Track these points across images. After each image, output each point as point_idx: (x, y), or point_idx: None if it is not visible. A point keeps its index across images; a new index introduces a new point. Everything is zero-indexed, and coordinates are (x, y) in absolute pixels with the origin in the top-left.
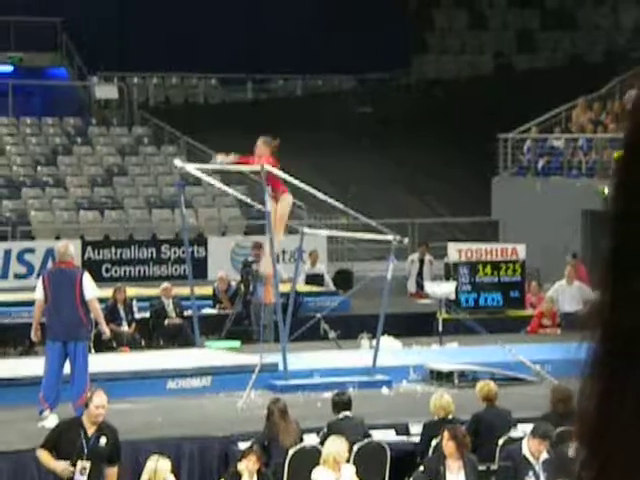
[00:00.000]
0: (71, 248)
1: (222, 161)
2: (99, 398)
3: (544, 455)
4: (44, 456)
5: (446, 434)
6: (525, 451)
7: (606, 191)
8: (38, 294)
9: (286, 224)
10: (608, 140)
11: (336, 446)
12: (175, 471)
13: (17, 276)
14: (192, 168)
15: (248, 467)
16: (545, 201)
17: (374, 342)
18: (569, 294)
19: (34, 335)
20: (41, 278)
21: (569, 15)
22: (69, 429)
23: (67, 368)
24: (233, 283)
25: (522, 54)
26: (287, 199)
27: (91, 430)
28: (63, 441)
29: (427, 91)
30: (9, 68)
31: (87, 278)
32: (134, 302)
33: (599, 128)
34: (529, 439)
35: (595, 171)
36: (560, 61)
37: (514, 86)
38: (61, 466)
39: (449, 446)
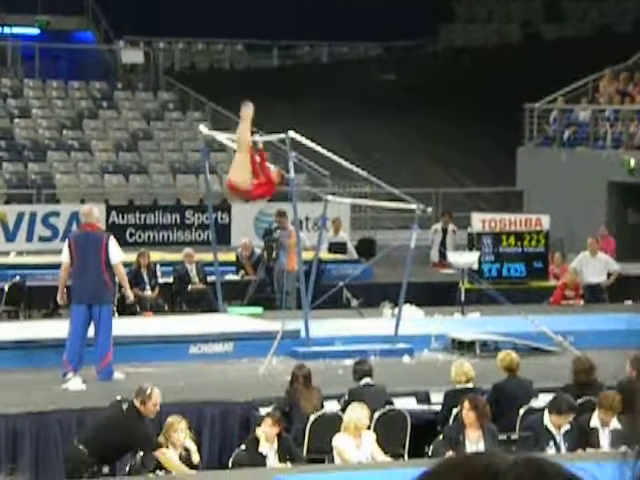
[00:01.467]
0: (95, 211)
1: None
2: (158, 396)
3: (566, 427)
4: (169, 455)
5: (466, 404)
6: (547, 422)
7: (632, 162)
8: (64, 257)
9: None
10: (635, 111)
11: (357, 413)
12: (196, 435)
13: (42, 239)
14: (217, 134)
15: (265, 431)
16: (570, 172)
17: (396, 311)
18: (593, 265)
19: (60, 298)
20: (67, 241)
21: None
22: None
23: (91, 331)
24: (256, 250)
25: (550, 23)
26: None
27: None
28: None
29: (453, 60)
30: (36, 31)
31: (113, 242)
32: (158, 267)
33: (626, 99)
34: (551, 414)
35: (621, 142)
36: (588, 31)
37: (541, 56)
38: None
39: (469, 416)
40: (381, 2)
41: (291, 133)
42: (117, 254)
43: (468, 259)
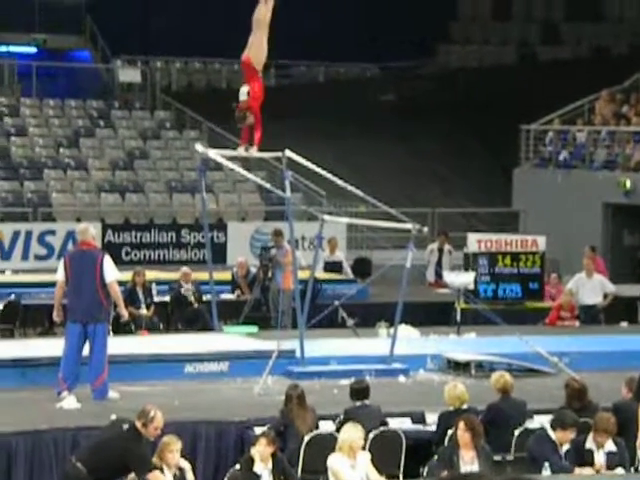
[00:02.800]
0: (91, 229)
1: (248, 152)
2: (160, 420)
3: (566, 446)
4: (162, 478)
5: (461, 425)
6: (553, 437)
7: (628, 184)
8: (59, 275)
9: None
10: (631, 133)
11: (352, 433)
12: (190, 455)
13: (37, 257)
14: (213, 153)
15: (259, 451)
16: (566, 193)
17: (392, 330)
18: (589, 287)
19: (56, 315)
20: (63, 259)
21: (594, 6)
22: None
23: (86, 350)
24: (252, 269)
25: (546, 45)
26: (249, 54)
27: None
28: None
29: (450, 80)
30: (33, 50)
31: (108, 260)
32: (153, 285)
33: (622, 121)
34: (555, 430)
35: (617, 164)
36: (584, 53)
37: (537, 77)
38: None
39: (464, 437)
40: (378, 23)
41: (287, 152)
42: (112, 272)
43: (464, 279)
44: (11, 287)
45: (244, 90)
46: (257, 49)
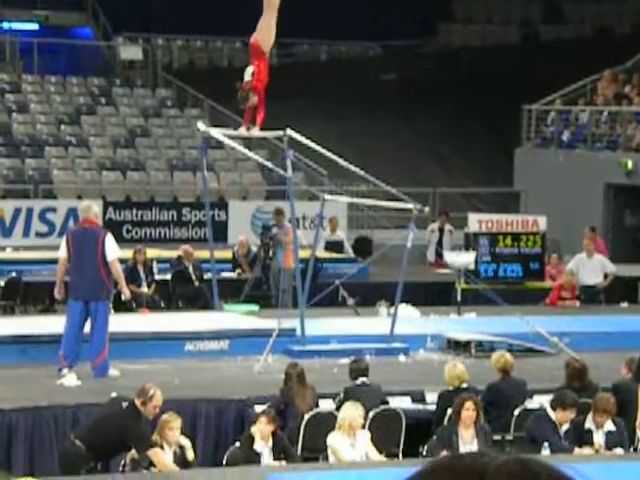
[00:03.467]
0: (94, 207)
1: (249, 132)
2: (159, 398)
3: (566, 425)
4: (161, 455)
5: (470, 404)
6: (553, 418)
7: (629, 164)
8: (62, 252)
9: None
10: (633, 113)
11: (352, 412)
12: (190, 433)
13: (38, 234)
14: (215, 132)
15: (260, 429)
16: (568, 173)
17: (392, 310)
18: (589, 267)
19: (57, 293)
20: (65, 237)
21: None
22: (144, 422)
23: (87, 327)
24: (253, 247)
25: (549, 24)
26: (257, 38)
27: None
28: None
29: (452, 60)
30: (35, 26)
31: (110, 239)
32: (154, 263)
33: (624, 101)
34: (555, 410)
35: (619, 144)
36: (587, 32)
37: (540, 57)
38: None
39: (470, 416)
40: (380, 1)
41: (289, 131)
42: (113, 251)
43: (464, 259)
44: (12, 264)
45: (249, 70)
46: (266, 32)
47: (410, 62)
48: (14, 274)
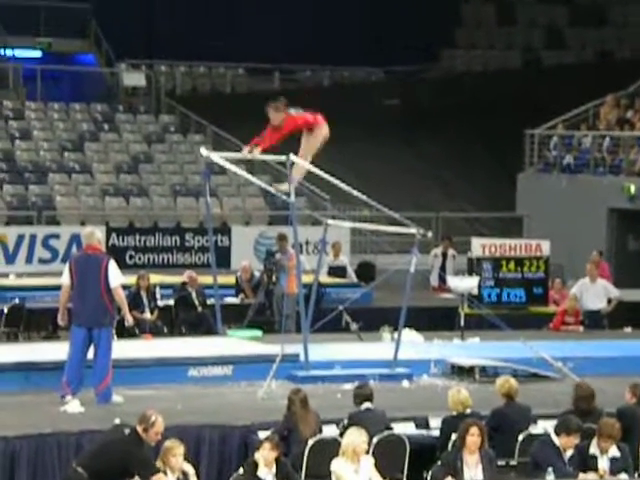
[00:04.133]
0: (97, 233)
1: (251, 154)
2: (161, 425)
3: (570, 451)
4: None
5: (475, 430)
6: (557, 443)
7: (632, 189)
8: (65, 279)
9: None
10: (635, 138)
11: (355, 437)
12: (194, 459)
13: (42, 261)
14: (218, 157)
15: (263, 455)
16: (571, 198)
17: (396, 335)
18: (593, 292)
19: (61, 319)
20: (68, 263)
21: (599, 11)
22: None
23: (91, 354)
24: (256, 273)
25: (550, 50)
26: (322, 127)
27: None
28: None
29: (455, 85)
30: (38, 53)
31: (113, 265)
32: (157, 289)
33: (626, 126)
34: (559, 435)
35: (621, 169)
36: (589, 57)
37: (542, 82)
38: None
39: (475, 442)
40: (383, 27)
41: (291, 156)
42: (116, 277)
43: (468, 284)
44: (15, 291)
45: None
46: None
47: (413, 87)
48: (17, 300)
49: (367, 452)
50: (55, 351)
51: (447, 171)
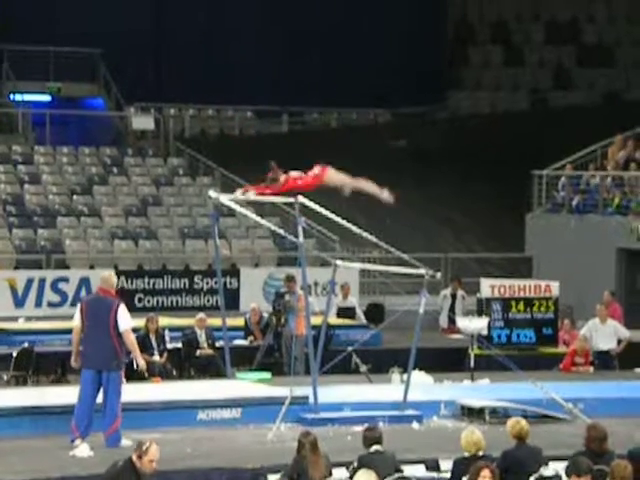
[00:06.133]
0: (114, 278)
1: (245, 195)
2: (155, 452)
3: None
4: None
5: (487, 473)
6: None
7: None
8: (76, 321)
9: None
10: None
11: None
12: None
13: (51, 304)
14: (226, 199)
15: None
16: (579, 238)
17: (405, 376)
18: (602, 332)
19: (74, 361)
20: (79, 305)
21: (606, 52)
22: (129, 477)
23: (100, 397)
24: (265, 314)
25: (558, 90)
26: (330, 171)
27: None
28: None
29: (462, 126)
30: (47, 98)
31: (123, 309)
32: (166, 332)
33: (634, 166)
34: (570, 477)
35: (630, 209)
36: (596, 98)
37: (549, 123)
38: None
39: None
40: (390, 69)
41: (300, 198)
42: (126, 321)
43: (477, 325)
44: (24, 334)
45: (297, 175)
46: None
47: (420, 129)
48: (26, 344)
49: None
50: (64, 395)
51: (456, 212)
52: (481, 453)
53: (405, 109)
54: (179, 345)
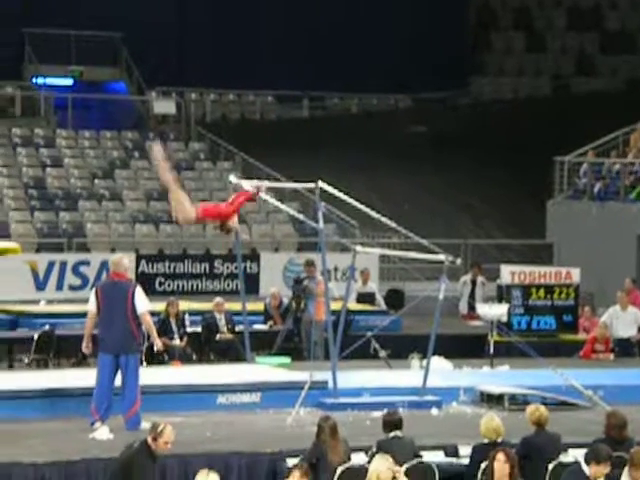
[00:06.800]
0: (125, 261)
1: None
2: (170, 434)
3: None
4: None
5: (501, 456)
6: (587, 472)
7: None
8: (91, 306)
9: None
10: None
11: (379, 465)
12: None
13: (72, 288)
14: (247, 184)
15: None
16: (601, 225)
17: (424, 362)
18: (623, 319)
19: (85, 347)
20: (94, 290)
21: (629, 38)
22: (143, 461)
23: (119, 380)
24: (285, 299)
25: (580, 77)
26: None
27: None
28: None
29: (483, 112)
30: (69, 81)
31: (139, 292)
32: (186, 316)
33: None
34: (589, 464)
35: None
36: (619, 84)
37: (571, 109)
38: None
39: (504, 468)
40: (411, 55)
41: (320, 183)
42: (143, 304)
43: (497, 311)
44: (45, 317)
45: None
46: (177, 208)
47: (441, 115)
48: (47, 327)
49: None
50: (84, 378)
51: (476, 198)
52: (500, 439)
53: (426, 94)
54: (199, 329)
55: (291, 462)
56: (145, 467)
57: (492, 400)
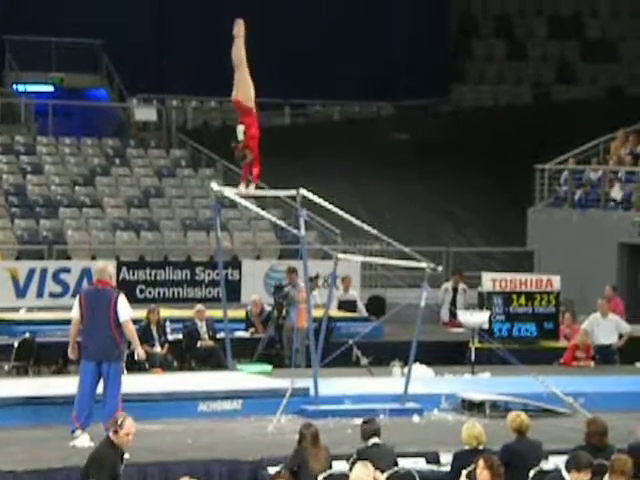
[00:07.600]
0: (110, 268)
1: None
2: (130, 426)
3: None
4: None
5: (481, 463)
6: (567, 479)
7: None
8: (74, 312)
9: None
10: None
11: (360, 472)
12: None
13: (52, 295)
14: (228, 191)
15: None
16: (581, 233)
17: (406, 369)
18: (604, 327)
19: (71, 353)
20: (78, 297)
21: (610, 47)
22: (110, 455)
23: (100, 388)
24: (266, 307)
25: (561, 85)
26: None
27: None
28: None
29: (465, 120)
30: (50, 88)
31: (122, 300)
32: (167, 323)
33: (637, 161)
34: (570, 472)
35: (632, 204)
36: (599, 92)
37: (552, 117)
38: None
39: (483, 475)
40: (393, 62)
41: (302, 190)
42: (126, 311)
43: (478, 318)
44: (26, 325)
45: (240, 129)
46: (243, 87)
47: (423, 122)
48: (28, 335)
49: None
50: (65, 386)
51: (457, 205)
52: (481, 447)
53: (408, 102)
54: (180, 336)
55: (272, 470)
56: (110, 459)
57: (473, 407)
